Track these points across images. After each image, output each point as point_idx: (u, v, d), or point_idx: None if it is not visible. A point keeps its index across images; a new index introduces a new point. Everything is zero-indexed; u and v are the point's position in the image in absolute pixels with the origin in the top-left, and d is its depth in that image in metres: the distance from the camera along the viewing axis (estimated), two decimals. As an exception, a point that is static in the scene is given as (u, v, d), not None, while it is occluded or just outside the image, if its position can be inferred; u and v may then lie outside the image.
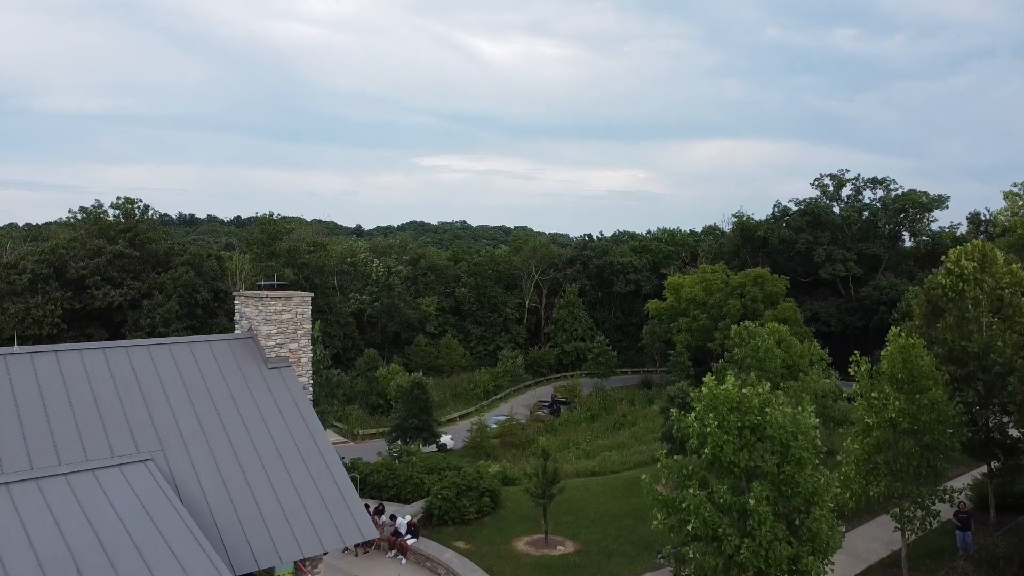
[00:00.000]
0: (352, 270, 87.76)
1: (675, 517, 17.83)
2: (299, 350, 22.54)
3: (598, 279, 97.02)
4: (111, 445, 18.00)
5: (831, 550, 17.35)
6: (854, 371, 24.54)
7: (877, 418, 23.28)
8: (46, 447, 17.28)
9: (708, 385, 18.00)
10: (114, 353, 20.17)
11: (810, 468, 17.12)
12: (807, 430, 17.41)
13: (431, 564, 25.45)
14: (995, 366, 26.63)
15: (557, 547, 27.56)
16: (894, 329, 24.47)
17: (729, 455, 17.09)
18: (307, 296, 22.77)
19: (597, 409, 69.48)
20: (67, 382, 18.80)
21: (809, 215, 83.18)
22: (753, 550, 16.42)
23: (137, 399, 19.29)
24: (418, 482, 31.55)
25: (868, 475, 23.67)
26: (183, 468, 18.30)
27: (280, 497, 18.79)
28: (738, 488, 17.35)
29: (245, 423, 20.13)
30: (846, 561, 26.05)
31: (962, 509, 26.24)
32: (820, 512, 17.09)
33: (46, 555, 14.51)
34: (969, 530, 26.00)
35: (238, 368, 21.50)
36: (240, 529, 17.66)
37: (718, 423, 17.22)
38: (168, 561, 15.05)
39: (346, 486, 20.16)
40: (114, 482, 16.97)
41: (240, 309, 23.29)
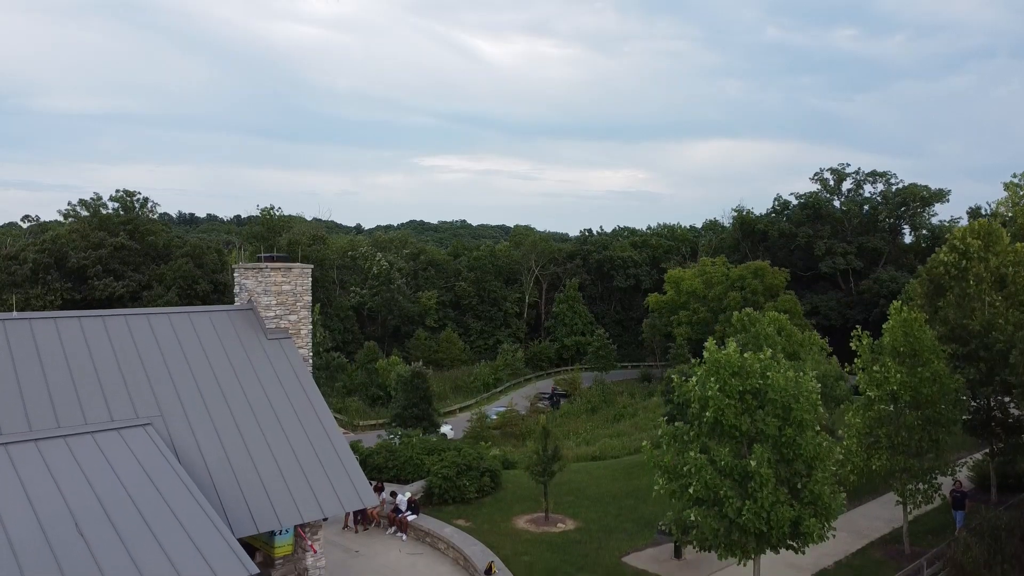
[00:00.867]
0: (352, 264, 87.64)
1: (676, 482, 17.77)
2: (299, 322, 22.49)
3: (598, 274, 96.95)
4: (110, 410, 17.95)
5: (832, 513, 17.28)
6: (855, 345, 24.49)
7: (878, 391, 23.23)
8: (45, 411, 17.23)
9: (709, 350, 17.95)
10: (113, 321, 20.11)
11: (811, 431, 17.06)
12: (808, 393, 17.35)
13: (431, 540, 25.36)
14: (996, 343, 26.57)
15: (557, 524, 27.47)
16: (896, 303, 24.43)
17: (731, 419, 17.03)
18: (307, 268, 22.73)
19: (597, 402, 69.36)
20: (66, 348, 18.74)
21: (809, 209, 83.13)
22: (755, 512, 16.36)
23: (136, 366, 19.23)
24: (418, 463, 31.44)
25: (869, 449, 23.63)
26: (182, 434, 18.24)
27: (280, 464, 18.74)
28: (739, 452, 17.29)
29: (245, 392, 20.07)
30: (847, 538, 25.99)
31: (958, 488, 26.18)
32: (821, 475, 17.02)
33: (45, 514, 14.44)
34: (963, 509, 25.95)
35: (238, 338, 21.44)
36: (240, 493, 17.60)
37: (720, 387, 17.16)
38: (168, 520, 14.98)
39: (346, 455, 20.11)
40: (113, 444, 16.91)
41: (240, 281, 23.23)
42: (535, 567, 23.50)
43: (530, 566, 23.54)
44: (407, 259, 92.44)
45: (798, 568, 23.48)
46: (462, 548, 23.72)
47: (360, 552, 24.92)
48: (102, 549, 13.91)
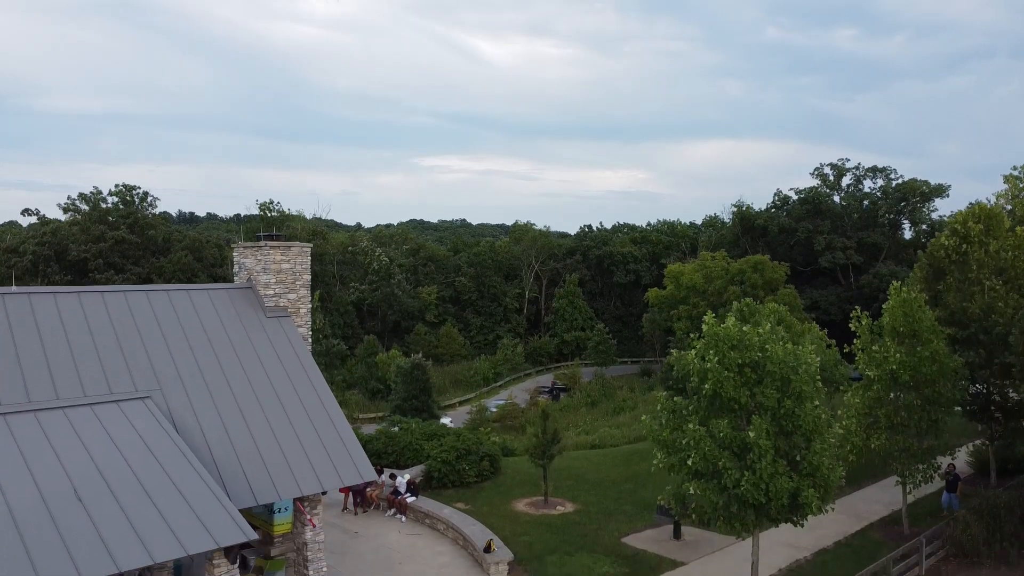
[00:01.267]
0: (352, 259, 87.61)
1: (675, 456, 17.76)
2: (298, 300, 22.49)
3: (598, 269, 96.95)
4: (109, 383, 17.95)
5: (831, 485, 17.27)
6: (855, 326, 24.50)
7: (878, 371, 23.23)
8: (44, 383, 17.22)
9: (708, 323, 17.94)
10: (112, 297, 20.12)
11: (810, 403, 17.04)
12: (807, 365, 17.35)
13: (430, 521, 25.35)
14: (996, 327, 26.56)
15: (556, 507, 27.47)
16: (895, 284, 24.43)
17: (729, 391, 17.01)
18: (306, 246, 22.73)
19: (597, 396, 69.30)
20: (65, 323, 18.74)
21: (809, 204, 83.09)
22: (754, 483, 16.35)
23: (135, 341, 19.23)
24: (417, 448, 31.42)
25: (868, 429, 23.62)
26: (181, 408, 18.24)
27: (279, 438, 18.73)
28: (738, 425, 17.28)
29: (244, 368, 20.07)
30: (847, 520, 26.03)
31: (950, 470, 26.18)
32: (820, 446, 17.01)
33: (44, 481, 14.44)
34: (955, 492, 26.02)
35: (237, 316, 21.44)
36: (239, 467, 17.59)
37: (719, 359, 17.15)
38: (167, 488, 14.99)
39: (345, 431, 20.10)
40: (112, 416, 16.92)
41: (239, 260, 23.23)
42: (534, 547, 23.50)
43: (529, 546, 23.54)
44: (407, 254, 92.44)
45: (797, 548, 23.50)
46: (461, 528, 23.71)
47: (359, 533, 24.92)
48: (101, 515, 13.91)
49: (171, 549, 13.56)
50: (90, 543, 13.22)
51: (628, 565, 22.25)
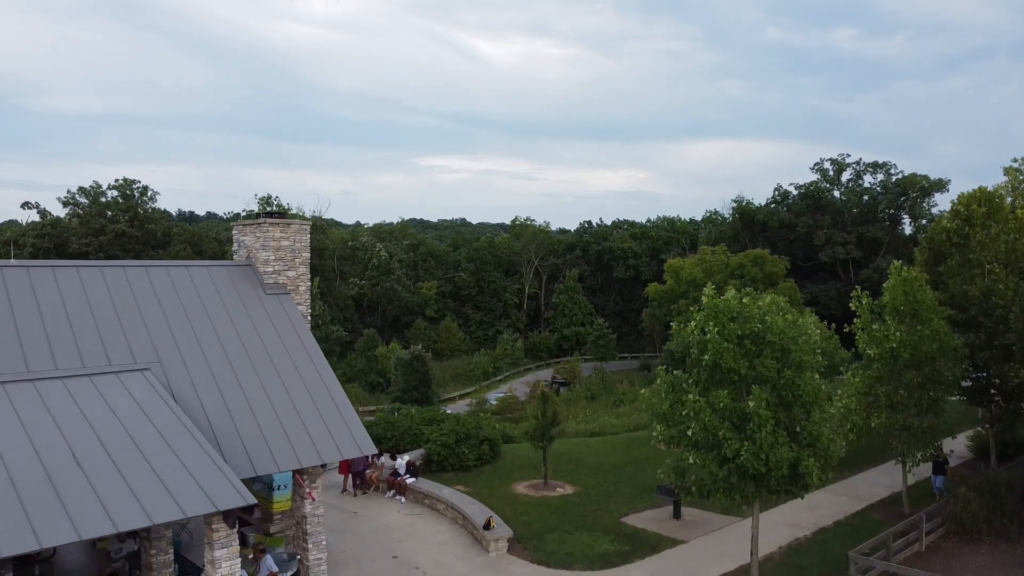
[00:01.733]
0: (352, 255, 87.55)
1: (675, 428, 17.70)
2: (297, 278, 22.45)
3: (597, 265, 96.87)
4: (108, 356, 17.93)
5: (832, 455, 17.23)
6: (855, 306, 24.47)
7: (878, 350, 23.19)
8: (42, 355, 17.19)
9: (708, 295, 17.90)
10: (112, 272, 20.10)
11: (810, 373, 17.01)
12: (807, 336, 17.32)
13: (430, 501, 25.31)
14: (996, 309, 26.54)
15: (556, 489, 27.44)
16: (896, 263, 24.41)
17: (729, 362, 16.97)
18: (305, 224, 22.70)
19: (597, 389, 69.21)
20: (64, 296, 18.71)
21: (809, 199, 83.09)
22: (754, 452, 16.30)
23: (134, 315, 19.21)
24: (417, 433, 31.37)
25: (869, 408, 23.59)
26: (180, 380, 18.20)
27: (278, 412, 18.68)
28: (738, 396, 17.24)
29: (244, 344, 20.03)
30: (847, 501, 26.02)
31: (938, 453, 26.10)
32: (820, 416, 16.97)
33: (43, 447, 14.41)
34: (943, 475, 25.98)
35: (236, 293, 21.41)
36: (238, 440, 17.54)
37: (718, 330, 17.11)
38: (165, 454, 14.96)
39: (345, 406, 20.06)
40: (111, 386, 16.90)
41: (238, 239, 23.21)
42: (533, 526, 23.47)
43: (529, 525, 23.50)
44: (407, 250, 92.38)
45: (798, 527, 23.48)
46: (461, 507, 23.68)
47: (358, 514, 24.89)
48: (100, 479, 13.87)
49: (169, 511, 13.52)
50: (88, 504, 13.19)
51: (628, 543, 22.21)
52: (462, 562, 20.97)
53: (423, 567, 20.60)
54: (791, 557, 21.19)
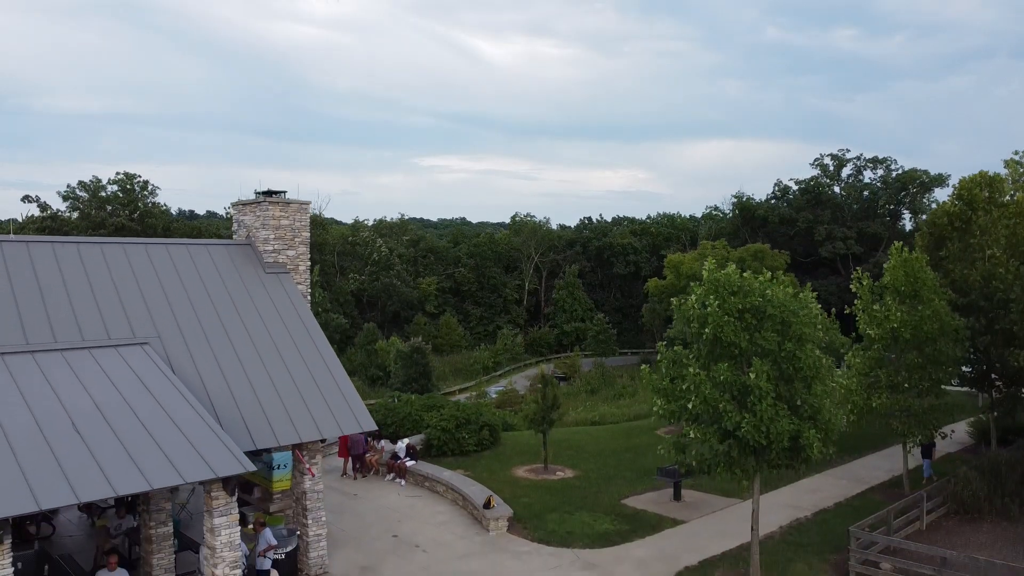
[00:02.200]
0: (352, 250, 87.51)
1: (675, 403, 17.65)
2: (297, 257, 22.43)
3: (598, 260, 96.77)
4: (107, 330, 17.90)
5: (833, 429, 17.18)
6: (855, 287, 24.44)
7: (878, 330, 23.15)
8: (42, 329, 17.16)
9: (709, 269, 17.86)
10: (111, 248, 20.08)
11: (811, 345, 16.96)
12: (808, 307, 17.29)
13: (430, 484, 25.27)
14: (997, 292, 26.48)
15: (556, 473, 27.39)
16: (897, 244, 24.37)
17: (730, 335, 16.92)
18: (305, 203, 22.67)
19: (597, 384, 69.21)
20: (63, 272, 18.68)
21: (809, 194, 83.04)
22: (754, 425, 16.25)
23: (134, 291, 19.17)
24: (417, 418, 31.34)
25: (869, 388, 23.55)
26: (180, 355, 18.17)
27: (278, 387, 18.65)
28: (739, 369, 17.19)
29: (243, 321, 20.00)
30: (848, 485, 25.99)
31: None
32: (822, 388, 16.92)
33: (42, 415, 14.38)
34: (930, 457, 25.89)
35: (236, 272, 21.38)
36: (237, 413, 17.50)
37: (719, 303, 17.07)
38: (164, 422, 14.93)
39: (345, 385, 20.02)
40: (110, 359, 16.87)
41: (238, 218, 23.19)
42: (533, 507, 23.42)
43: (529, 506, 23.46)
44: (407, 245, 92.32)
45: (798, 508, 23.45)
46: (461, 488, 23.64)
47: (358, 496, 24.85)
48: (99, 446, 13.84)
49: (169, 477, 13.49)
50: (87, 470, 13.16)
51: (628, 523, 22.17)
52: (462, 541, 20.93)
53: (423, 545, 20.57)
54: (791, 535, 21.15)
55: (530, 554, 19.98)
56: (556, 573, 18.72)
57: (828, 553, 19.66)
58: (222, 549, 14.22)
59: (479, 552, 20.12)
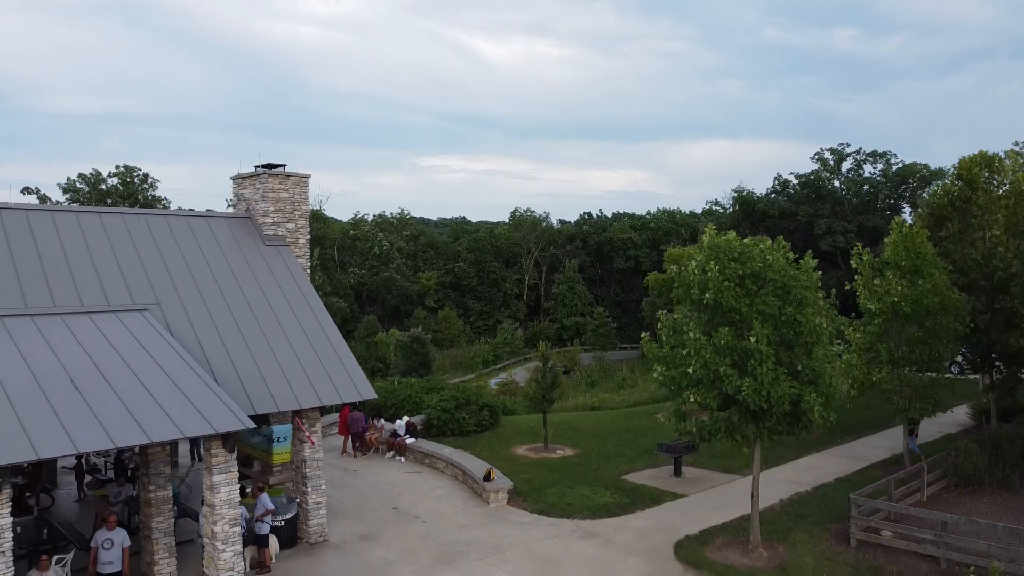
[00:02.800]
0: (352, 245, 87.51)
1: (676, 369, 17.60)
2: (296, 231, 22.41)
3: (597, 255, 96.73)
4: (107, 297, 17.89)
5: (834, 394, 17.14)
6: (856, 263, 24.41)
7: (879, 305, 23.10)
8: (41, 294, 17.15)
9: (709, 235, 17.83)
10: (110, 218, 20.06)
11: (811, 308, 16.92)
12: (808, 271, 17.26)
13: (430, 460, 25.25)
14: (997, 272, 26.43)
15: (556, 451, 27.36)
16: (897, 219, 24.31)
17: (731, 301, 16.88)
18: (305, 176, 22.63)
19: (597, 376, 69.21)
20: (63, 239, 18.67)
21: (809, 188, 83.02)
22: (755, 388, 16.21)
23: (133, 260, 19.16)
24: (417, 400, 31.31)
25: (870, 364, 23.49)
26: (179, 323, 18.15)
27: (278, 356, 18.63)
28: (739, 334, 17.15)
29: (243, 291, 19.98)
30: (848, 462, 25.95)
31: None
32: (822, 351, 16.88)
33: (42, 374, 14.37)
34: (914, 436, 25.76)
35: (236, 244, 21.36)
36: (237, 379, 17.47)
37: (719, 268, 17.03)
38: (163, 381, 14.92)
39: (345, 354, 20.01)
40: (110, 323, 16.86)
41: (237, 192, 23.17)
42: (533, 482, 23.39)
43: (529, 481, 23.42)
44: (407, 240, 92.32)
45: (799, 484, 23.42)
46: (461, 463, 23.63)
47: (358, 472, 24.83)
48: (98, 402, 13.83)
49: (167, 431, 13.47)
50: (86, 423, 13.14)
51: (629, 496, 22.13)
52: (462, 512, 20.91)
53: (422, 516, 20.54)
54: (792, 507, 21.13)
55: (530, 524, 19.95)
56: (556, 541, 18.69)
57: (828, 523, 19.63)
58: (221, 507, 14.19)
59: (479, 523, 20.08)
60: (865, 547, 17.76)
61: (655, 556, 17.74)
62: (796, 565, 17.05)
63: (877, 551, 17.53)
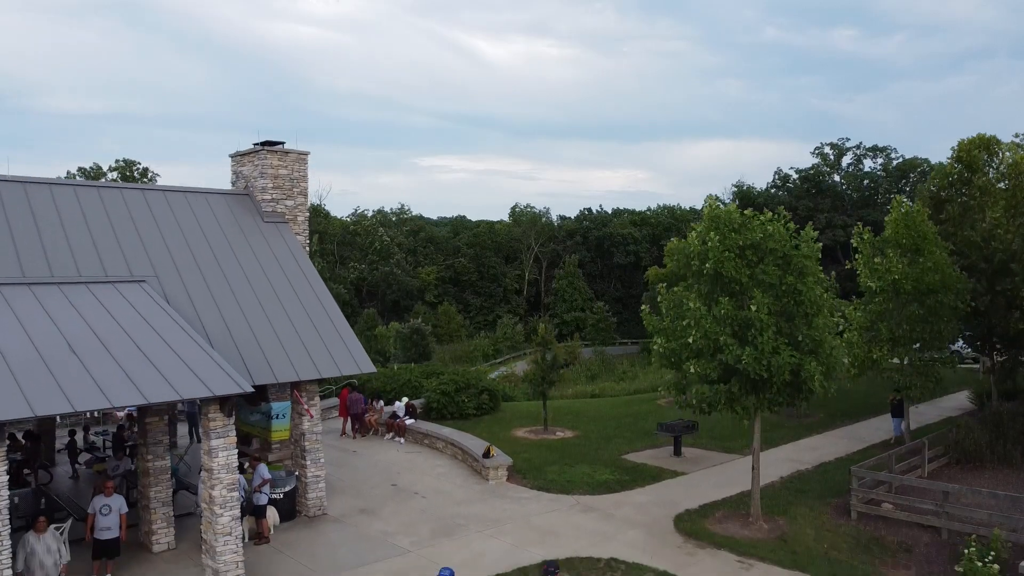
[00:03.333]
0: (352, 240, 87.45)
1: (676, 341, 17.54)
2: (295, 207, 22.34)
3: (597, 251, 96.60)
4: (105, 268, 17.81)
5: (835, 363, 17.07)
6: (856, 242, 24.37)
7: (880, 283, 23.05)
8: (39, 264, 17.09)
9: (710, 205, 17.77)
10: (108, 192, 20.01)
11: (812, 277, 16.86)
12: (809, 242, 17.20)
13: (429, 440, 25.19)
14: (997, 254, 26.36)
15: (556, 433, 27.30)
16: (898, 197, 24.27)
17: (731, 271, 16.83)
18: (304, 153, 22.56)
19: (597, 369, 69.12)
20: (61, 212, 18.61)
21: (809, 182, 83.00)
22: (755, 357, 16.14)
23: (131, 233, 19.10)
24: (417, 385, 31.28)
25: (870, 343, 23.44)
26: (178, 296, 18.07)
27: (277, 330, 18.55)
28: (740, 304, 17.09)
29: (242, 266, 19.91)
30: (848, 443, 25.90)
31: (894, 398, 25.75)
32: (823, 320, 16.82)
33: (39, 338, 14.29)
34: (900, 417, 25.56)
35: (235, 220, 21.31)
36: (235, 351, 17.39)
37: (720, 239, 16.97)
38: (161, 348, 14.85)
39: (345, 330, 19.97)
40: (108, 293, 16.80)
41: (236, 170, 23.10)
42: (533, 461, 23.33)
43: (529, 460, 23.36)
44: (407, 235, 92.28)
45: (799, 462, 23.35)
46: (461, 442, 23.56)
47: (357, 452, 24.77)
48: (96, 365, 13.74)
49: (164, 392, 13.39)
50: (83, 383, 13.06)
51: (629, 474, 22.06)
52: (461, 489, 20.84)
53: (422, 492, 20.48)
54: (793, 483, 21.06)
55: (529, 499, 19.88)
56: (556, 515, 18.62)
57: (829, 498, 19.56)
58: (219, 471, 14.11)
59: (478, 498, 20.02)
60: (866, 519, 17.70)
61: (655, 528, 17.67)
62: (796, 536, 16.98)
63: (878, 523, 17.47)
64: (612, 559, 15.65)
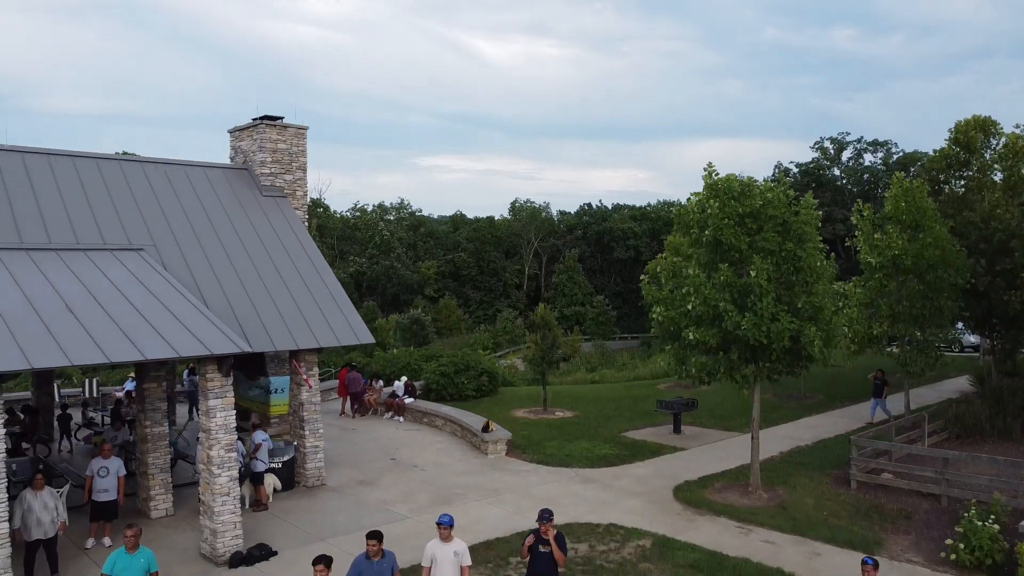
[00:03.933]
0: (352, 235, 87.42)
1: (675, 310, 17.48)
2: (294, 183, 22.30)
3: (597, 246, 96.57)
4: (103, 237, 17.77)
5: (835, 331, 17.03)
6: (856, 219, 24.32)
7: (879, 259, 23.00)
8: (37, 231, 17.05)
9: (710, 172, 17.72)
10: (107, 164, 19.99)
11: (811, 243, 16.83)
12: (809, 209, 17.17)
13: (428, 419, 25.16)
14: (996, 234, 26.31)
15: (556, 413, 27.26)
16: (898, 173, 24.22)
17: (731, 238, 16.78)
18: (303, 128, 22.53)
19: (597, 362, 69.02)
20: (59, 181, 18.59)
21: (809, 176, 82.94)
22: (754, 323, 16.09)
23: (130, 203, 19.07)
24: (416, 368, 31.25)
25: (870, 319, 23.39)
26: (177, 265, 18.04)
27: (275, 300, 18.52)
28: (740, 272, 17.05)
29: (240, 238, 19.88)
30: (848, 422, 25.86)
31: (878, 376, 25.63)
32: (823, 286, 16.78)
33: (36, 297, 14.24)
34: (880, 397, 25.39)
35: (233, 194, 21.28)
36: (234, 319, 17.34)
37: (719, 206, 16.93)
38: (159, 310, 14.81)
39: (343, 301, 19.93)
40: (106, 260, 16.76)
41: (234, 145, 23.08)
42: (533, 438, 23.29)
43: (528, 437, 23.33)
44: (407, 229, 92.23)
45: (798, 439, 23.31)
46: (460, 419, 23.53)
47: (357, 430, 24.73)
48: (93, 323, 13.69)
49: (162, 350, 13.35)
50: (80, 340, 13.02)
51: (628, 450, 22.02)
52: (460, 462, 20.81)
53: (421, 465, 20.45)
54: (792, 457, 21.02)
55: (528, 472, 19.84)
56: (555, 486, 18.58)
57: (829, 469, 19.52)
58: (217, 431, 14.06)
59: (477, 471, 19.99)
60: (866, 488, 17.65)
61: (654, 497, 17.63)
62: (796, 504, 16.94)
63: (878, 491, 17.42)
64: (611, 524, 15.62)
